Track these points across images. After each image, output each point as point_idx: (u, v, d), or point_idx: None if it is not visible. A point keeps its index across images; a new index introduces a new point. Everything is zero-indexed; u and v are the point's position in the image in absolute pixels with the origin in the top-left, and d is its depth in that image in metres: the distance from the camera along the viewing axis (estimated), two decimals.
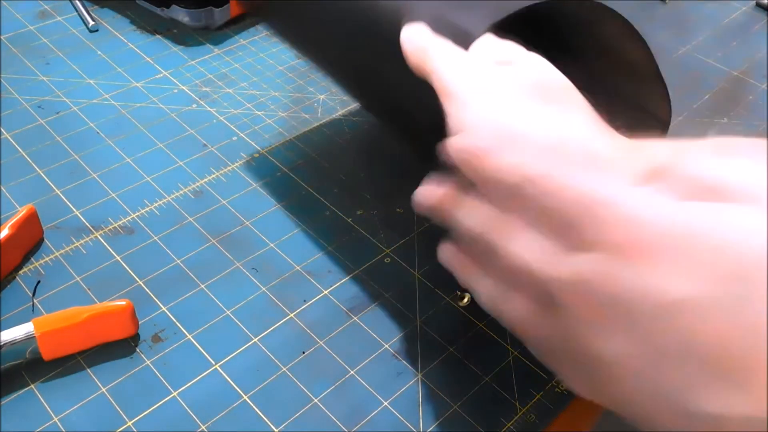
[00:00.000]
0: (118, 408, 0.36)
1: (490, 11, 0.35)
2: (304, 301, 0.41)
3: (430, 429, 0.36)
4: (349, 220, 0.46)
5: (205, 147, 0.50)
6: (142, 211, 0.45)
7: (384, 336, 0.40)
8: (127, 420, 0.35)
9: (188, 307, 0.40)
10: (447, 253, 0.34)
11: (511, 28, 0.35)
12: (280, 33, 0.47)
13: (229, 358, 0.38)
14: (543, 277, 0.27)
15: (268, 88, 0.56)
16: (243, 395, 0.37)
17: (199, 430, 0.35)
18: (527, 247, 0.27)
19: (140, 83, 0.55)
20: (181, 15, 0.60)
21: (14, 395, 0.36)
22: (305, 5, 0.41)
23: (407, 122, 0.41)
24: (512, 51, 0.33)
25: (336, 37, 0.41)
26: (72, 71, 0.56)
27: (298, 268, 0.43)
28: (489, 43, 0.34)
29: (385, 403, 0.37)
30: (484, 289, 0.31)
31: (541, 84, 0.31)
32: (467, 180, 0.30)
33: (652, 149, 0.27)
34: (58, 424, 0.35)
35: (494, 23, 0.34)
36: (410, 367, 0.39)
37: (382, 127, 0.49)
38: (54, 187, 0.46)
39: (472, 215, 0.30)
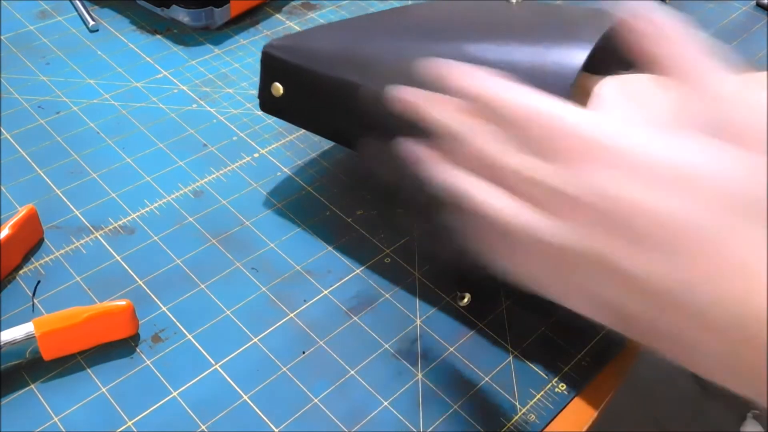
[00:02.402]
0: (118, 408, 0.36)
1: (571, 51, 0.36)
2: (304, 301, 0.41)
3: (430, 429, 0.36)
4: (349, 220, 0.46)
5: (205, 147, 0.50)
6: (142, 211, 0.45)
7: (384, 336, 0.40)
8: (127, 420, 0.35)
9: (188, 307, 0.40)
10: (412, 146, 0.35)
11: None
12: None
13: (229, 358, 0.38)
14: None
15: None
16: (243, 395, 0.37)
17: (199, 430, 0.35)
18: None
19: (140, 83, 0.55)
20: (181, 15, 0.60)
21: (14, 395, 0.36)
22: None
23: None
24: None
25: None
26: (72, 71, 0.56)
27: (298, 268, 0.43)
28: None
29: (385, 403, 0.37)
30: (452, 177, 0.33)
31: None
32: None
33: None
34: (58, 424, 0.35)
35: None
36: (410, 367, 0.39)
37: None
38: (54, 187, 0.46)
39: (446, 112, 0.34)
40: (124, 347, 0.38)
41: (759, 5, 0.71)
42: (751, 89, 0.32)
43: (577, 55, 0.36)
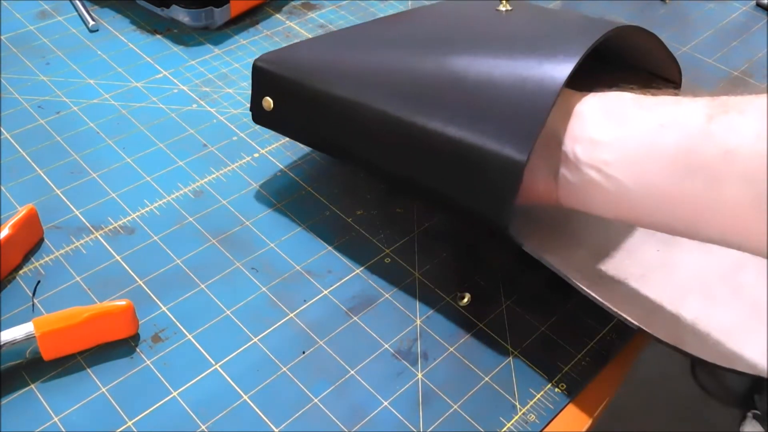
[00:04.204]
0: (118, 408, 0.36)
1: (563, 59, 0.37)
2: (304, 301, 0.41)
3: (430, 429, 0.36)
4: (349, 220, 0.46)
5: (205, 147, 0.50)
6: (142, 211, 0.45)
7: (384, 336, 0.40)
8: (127, 420, 0.35)
9: (188, 307, 0.40)
10: None
11: None
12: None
13: (229, 358, 0.38)
14: None
15: None
16: (243, 395, 0.37)
17: (199, 430, 0.35)
18: None
19: (140, 83, 0.55)
20: (181, 15, 0.60)
21: (14, 395, 0.36)
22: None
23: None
24: None
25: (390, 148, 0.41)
26: (72, 71, 0.56)
27: (298, 268, 0.43)
28: None
29: (385, 403, 0.37)
30: None
31: None
32: None
33: None
34: (58, 424, 0.35)
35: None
36: (410, 367, 0.39)
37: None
38: (54, 187, 0.46)
39: None
40: (124, 347, 0.38)
41: (759, 5, 0.71)
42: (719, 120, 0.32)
43: (558, 75, 0.36)
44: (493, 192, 0.37)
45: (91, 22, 0.60)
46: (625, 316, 0.36)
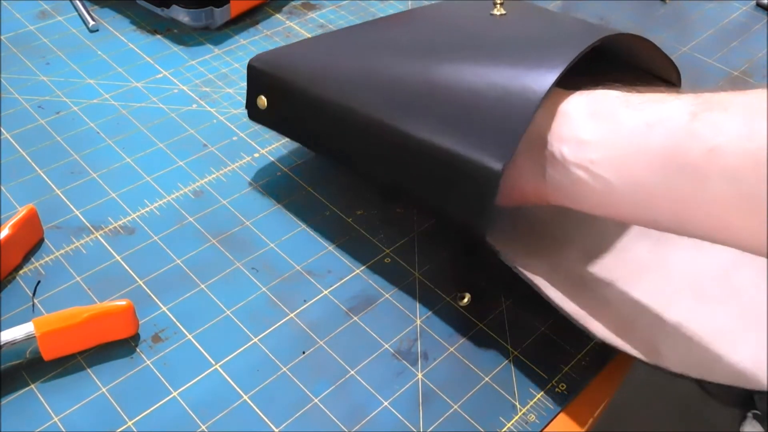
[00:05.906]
0: (118, 408, 0.36)
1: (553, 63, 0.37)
2: (304, 301, 0.41)
3: (430, 429, 0.36)
4: (349, 220, 0.46)
5: (205, 147, 0.50)
6: (142, 211, 0.45)
7: (384, 336, 0.40)
8: (127, 420, 0.35)
9: (188, 307, 0.40)
10: None
11: None
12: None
13: (229, 358, 0.38)
14: None
15: None
16: (243, 395, 0.37)
17: (199, 430, 0.35)
18: None
19: (140, 83, 0.55)
20: (182, 15, 0.60)
21: (14, 395, 0.36)
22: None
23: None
24: None
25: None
26: (72, 71, 0.56)
27: (298, 268, 0.43)
28: None
29: (385, 403, 0.37)
30: None
31: None
32: None
33: None
34: (58, 424, 0.35)
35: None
36: (410, 367, 0.39)
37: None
38: (54, 187, 0.46)
39: None
40: (124, 347, 0.38)
41: (759, 5, 0.71)
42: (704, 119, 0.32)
43: (539, 87, 0.36)
44: (471, 200, 0.37)
45: (91, 22, 0.60)
46: (590, 329, 0.36)
